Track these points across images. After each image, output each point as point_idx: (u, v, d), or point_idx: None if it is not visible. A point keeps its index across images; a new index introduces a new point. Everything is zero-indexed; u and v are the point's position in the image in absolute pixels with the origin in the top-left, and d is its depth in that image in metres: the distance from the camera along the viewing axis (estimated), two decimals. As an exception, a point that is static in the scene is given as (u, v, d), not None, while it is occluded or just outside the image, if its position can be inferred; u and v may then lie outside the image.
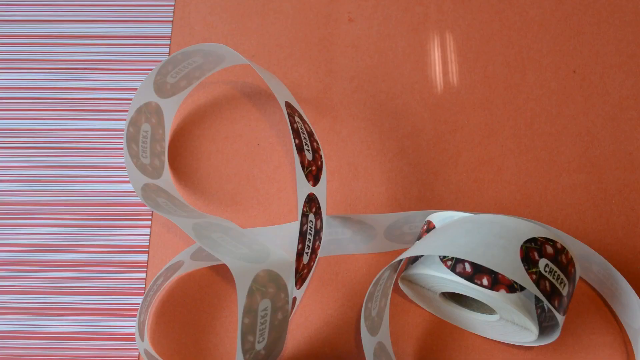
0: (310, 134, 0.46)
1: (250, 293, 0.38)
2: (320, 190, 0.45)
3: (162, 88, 0.50)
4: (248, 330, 0.38)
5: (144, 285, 0.48)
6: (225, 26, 0.56)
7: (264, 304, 0.38)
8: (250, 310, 0.38)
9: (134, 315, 0.47)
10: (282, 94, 0.47)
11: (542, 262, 0.39)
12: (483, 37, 0.55)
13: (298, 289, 0.44)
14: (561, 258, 0.40)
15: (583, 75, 0.54)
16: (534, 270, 0.38)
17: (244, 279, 0.38)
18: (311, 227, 0.44)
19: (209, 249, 0.40)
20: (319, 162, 0.46)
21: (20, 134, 0.53)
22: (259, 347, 0.39)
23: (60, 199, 0.51)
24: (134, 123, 0.49)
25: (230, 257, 0.39)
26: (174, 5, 0.57)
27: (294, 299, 0.44)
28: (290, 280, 0.40)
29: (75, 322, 0.47)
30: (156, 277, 0.45)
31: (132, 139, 0.48)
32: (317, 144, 0.47)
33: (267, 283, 0.39)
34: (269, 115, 0.53)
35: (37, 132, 0.53)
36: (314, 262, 0.45)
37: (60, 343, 0.47)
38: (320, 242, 0.45)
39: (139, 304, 0.48)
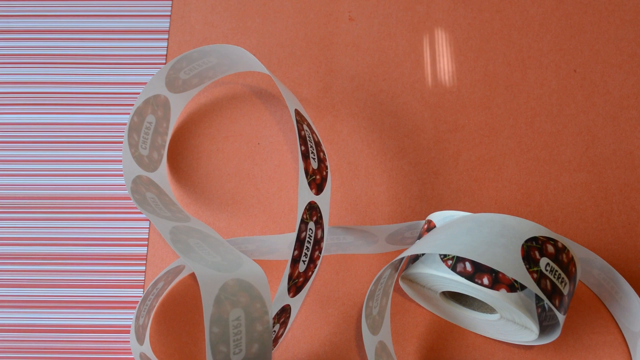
0: (318, 144, 0.46)
1: (218, 301, 0.37)
2: (323, 201, 0.44)
3: (173, 83, 0.50)
4: (219, 340, 0.37)
5: (143, 278, 0.48)
6: (226, 25, 0.56)
7: (236, 313, 0.37)
8: (219, 319, 0.36)
9: (134, 308, 0.47)
10: (293, 102, 0.47)
11: (543, 261, 0.39)
12: (483, 36, 0.55)
13: (292, 297, 0.43)
14: (562, 257, 0.40)
15: (584, 74, 0.54)
16: (535, 269, 0.38)
17: (210, 287, 0.37)
18: (310, 236, 0.43)
19: (182, 254, 0.39)
20: (324, 173, 0.45)
21: (19, 128, 0.53)
22: (236, 358, 0.37)
23: (59, 192, 0.51)
24: (139, 113, 0.48)
25: (200, 264, 0.38)
26: (171, 0, 0.57)
27: (288, 308, 0.43)
28: (266, 291, 0.39)
29: (75, 314, 0.47)
30: (155, 280, 0.45)
31: (135, 128, 0.48)
32: (324, 154, 0.46)
33: (238, 292, 0.38)
34: (269, 115, 0.53)
35: (34, 126, 0.53)
36: (312, 272, 0.44)
37: (59, 336, 0.47)
38: (320, 253, 0.45)
39: (138, 296, 0.48)
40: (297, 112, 0.45)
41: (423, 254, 0.43)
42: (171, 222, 0.43)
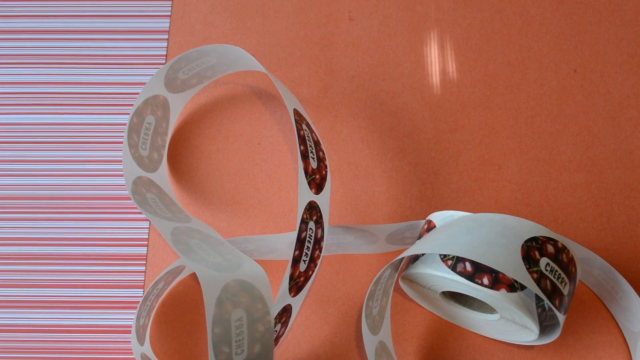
0: (317, 144, 0.46)
1: (220, 302, 0.37)
2: (323, 200, 0.44)
3: (172, 83, 0.50)
4: (221, 341, 0.37)
5: (143, 279, 0.48)
6: (226, 25, 0.56)
7: (238, 313, 0.37)
8: (221, 320, 0.36)
9: (134, 308, 0.47)
10: (292, 102, 0.47)
11: (543, 261, 0.39)
12: (483, 36, 0.55)
13: (293, 296, 0.43)
14: (562, 257, 0.40)
15: (584, 74, 0.54)
16: (535, 269, 0.38)
17: (212, 288, 0.37)
18: (310, 235, 0.43)
19: (183, 254, 0.39)
20: (324, 172, 0.45)
21: (19, 128, 0.53)
22: (238, 359, 0.38)
23: (59, 192, 0.51)
24: (138, 113, 0.48)
25: (202, 265, 0.38)
26: (171, 0, 0.57)
27: (289, 307, 0.43)
28: (267, 291, 0.39)
29: (75, 315, 0.47)
30: (155, 280, 0.45)
31: (134, 129, 0.48)
32: (324, 154, 0.46)
33: (239, 292, 0.38)
34: (269, 115, 0.53)
35: (34, 126, 0.53)
36: (313, 271, 0.45)
37: (60, 336, 0.47)
38: (320, 252, 0.45)
39: (138, 297, 0.48)
40: (296, 112, 0.45)
41: (423, 254, 0.43)
42: (172, 223, 0.43)
